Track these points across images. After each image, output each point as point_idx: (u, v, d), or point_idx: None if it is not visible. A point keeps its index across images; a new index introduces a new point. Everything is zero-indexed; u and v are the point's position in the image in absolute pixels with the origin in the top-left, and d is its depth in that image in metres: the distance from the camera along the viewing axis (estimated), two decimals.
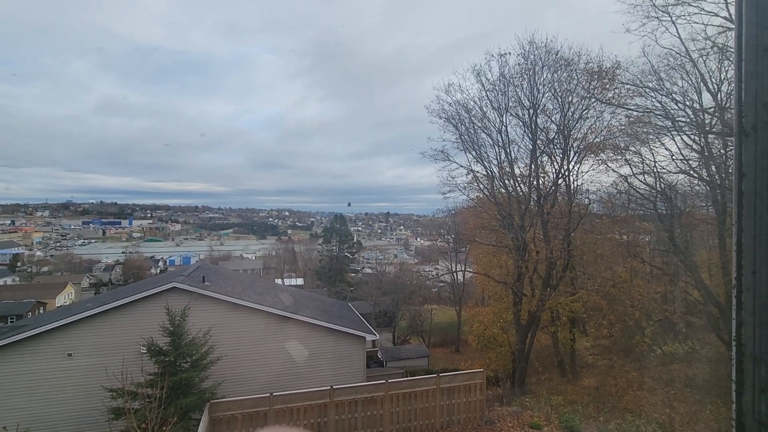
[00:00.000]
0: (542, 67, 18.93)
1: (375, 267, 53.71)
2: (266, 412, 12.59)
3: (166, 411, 10.73)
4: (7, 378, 13.33)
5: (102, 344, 14.03)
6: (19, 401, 13.20)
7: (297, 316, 16.36)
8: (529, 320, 20.46)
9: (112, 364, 12.06)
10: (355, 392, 13.60)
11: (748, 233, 0.65)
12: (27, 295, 53.79)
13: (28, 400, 13.28)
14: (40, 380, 13.53)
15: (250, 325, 15.82)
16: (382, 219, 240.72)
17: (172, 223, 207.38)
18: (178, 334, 12.30)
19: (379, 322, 35.81)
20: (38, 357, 13.68)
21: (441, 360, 30.10)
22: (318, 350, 16.60)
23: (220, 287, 16.53)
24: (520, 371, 20.53)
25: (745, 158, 0.66)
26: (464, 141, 20.69)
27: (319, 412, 13.10)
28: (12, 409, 12.97)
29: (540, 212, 19.92)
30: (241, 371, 14.99)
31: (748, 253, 0.66)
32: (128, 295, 15.07)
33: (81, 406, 13.11)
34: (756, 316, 0.64)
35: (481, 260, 29.11)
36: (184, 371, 12.02)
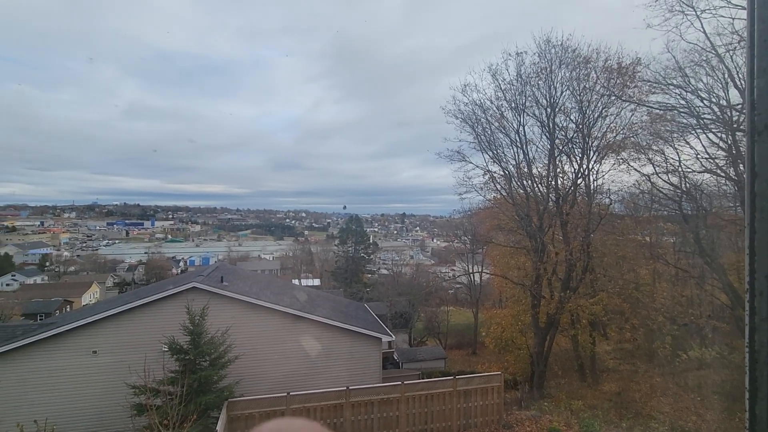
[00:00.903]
0: (560, 66, 18.62)
1: (391, 268, 53.70)
2: (283, 411, 12.72)
3: (187, 408, 10.96)
4: (35, 374, 13.84)
5: (125, 342, 14.43)
6: (46, 396, 13.69)
7: (313, 316, 16.49)
8: (547, 323, 20.11)
9: (135, 361, 12.38)
10: (372, 393, 13.62)
11: (762, 236, 0.63)
12: (55, 294, 55.76)
13: (55, 395, 13.76)
14: (66, 376, 14.00)
15: (267, 325, 16.02)
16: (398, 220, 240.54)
17: (192, 224, 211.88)
18: (198, 333, 12.55)
19: (395, 323, 35.73)
20: (65, 354, 14.16)
21: (458, 362, 29.85)
22: (334, 350, 16.68)
23: (238, 287, 16.79)
24: (538, 375, 20.19)
25: (758, 158, 0.64)
26: (481, 141, 20.50)
27: (336, 413, 13.17)
28: (40, 404, 13.45)
29: (559, 213, 19.57)
30: (258, 370, 15.18)
31: (761, 256, 0.63)
32: (150, 295, 15.47)
33: (105, 402, 13.51)
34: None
35: (499, 261, 28.77)
36: (204, 370, 12.26)
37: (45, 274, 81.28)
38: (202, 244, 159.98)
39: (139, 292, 20.29)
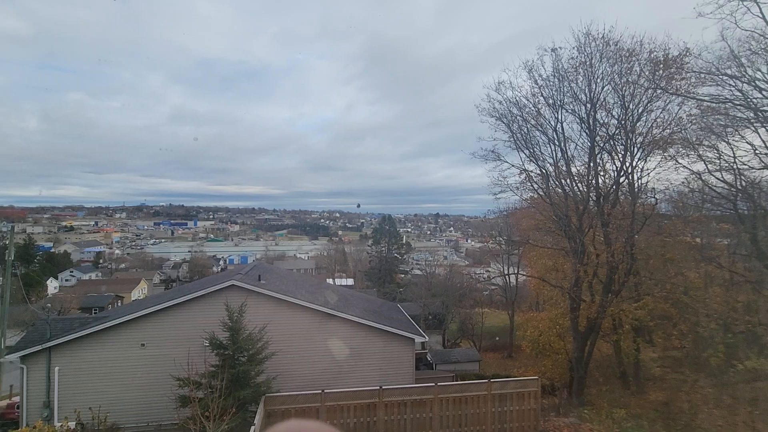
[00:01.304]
0: (600, 59, 17.83)
1: (424, 268, 53.33)
2: (318, 408, 12.95)
3: (226, 401, 11.39)
4: (91, 363, 14.82)
5: (170, 336, 15.18)
6: (100, 385, 14.62)
7: (347, 315, 16.67)
8: (588, 327, 19.32)
9: (179, 354, 13.00)
10: (404, 394, 13.61)
11: None
12: (107, 290, 59.49)
13: (108, 384, 14.67)
14: (118, 367, 14.91)
15: (302, 323, 16.36)
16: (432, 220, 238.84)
17: (232, 224, 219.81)
18: (236, 330, 13.00)
19: (429, 324, 35.51)
20: (116, 346, 15.08)
21: (492, 365, 29.26)
22: (367, 350, 16.80)
23: (275, 286, 17.25)
24: (578, 381, 19.44)
25: None
26: (516, 140, 19.96)
27: (369, 412, 13.26)
28: (95, 392, 14.39)
29: (600, 213, 18.75)
30: (293, 367, 15.52)
31: None
32: (193, 292, 16.20)
33: (152, 392, 14.25)
34: None
35: (536, 263, 27.93)
36: (242, 365, 12.68)
37: (99, 270, 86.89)
38: (240, 244, 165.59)
39: (183, 289, 21.28)
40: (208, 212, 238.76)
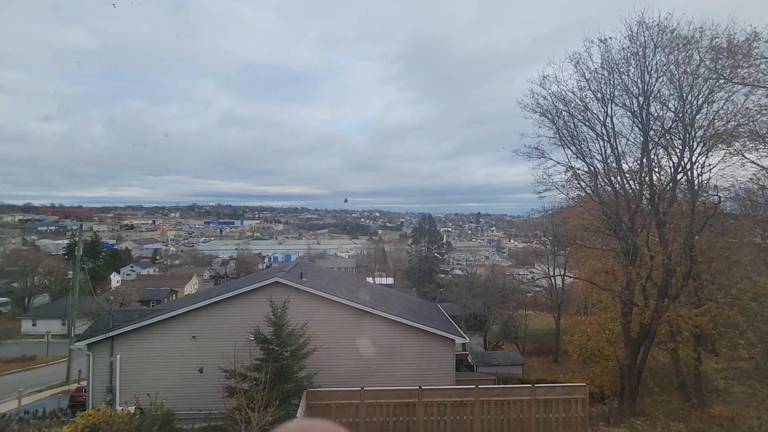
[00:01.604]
0: (654, 49, 16.67)
1: (465, 268, 52.44)
2: (357, 405, 13.10)
3: (270, 394, 11.79)
4: (148, 352, 15.87)
5: (218, 329, 15.94)
6: (157, 373, 15.62)
7: (386, 314, 16.74)
8: (641, 333, 18.18)
9: (227, 347, 13.60)
10: (444, 394, 13.47)
11: None
12: (163, 284, 63.48)
13: (163, 373, 15.65)
14: (171, 357, 15.86)
15: (342, 320, 16.61)
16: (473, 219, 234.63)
17: (276, 224, 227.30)
18: (280, 325, 13.43)
19: (470, 325, 34.89)
20: (171, 337, 16.05)
21: (537, 370, 28.29)
22: (406, 349, 16.78)
23: (316, 283, 17.64)
24: (630, 389, 18.35)
25: None
26: (562, 136, 19.12)
27: (408, 411, 13.24)
28: (152, 380, 15.39)
29: (654, 212, 17.58)
30: (332, 363, 15.78)
31: None
32: (239, 287, 16.92)
33: (203, 382, 15.03)
34: None
35: (583, 265, 26.66)
36: (285, 359, 13.08)
37: (156, 266, 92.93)
38: (284, 242, 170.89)
39: (230, 285, 22.29)
40: (253, 212, 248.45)
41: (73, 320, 28.22)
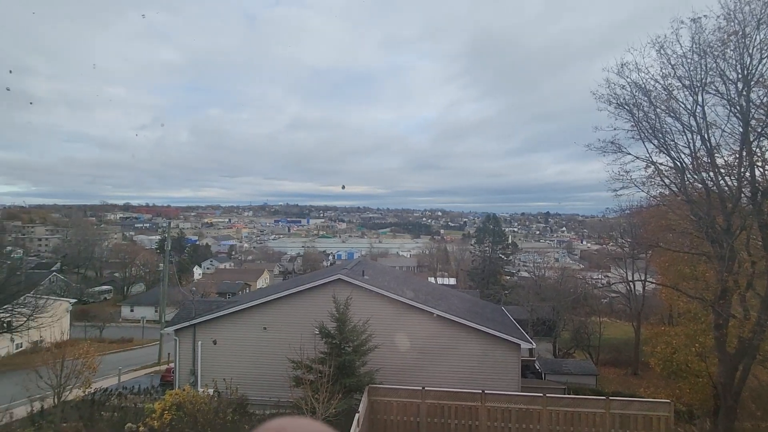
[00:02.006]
0: (757, 26, 14.59)
1: (532, 270, 50.09)
2: (419, 405, 13.07)
3: (333, 387, 12.18)
4: (225, 340, 17.16)
5: (286, 322, 16.78)
6: (232, 360, 16.84)
7: (448, 315, 16.51)
8: (739, 348, 16.07)
9: (293, 339, 14.28)
10: (509, 401, 12.98)
11: None
12: (238, 278, 68.26)
13: (237, 360, 16.83)
14: (245, 345, 17.00)
15: (403, 319, 16.66)
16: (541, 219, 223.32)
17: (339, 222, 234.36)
18: (343, 321, 13.82)
19: (537, 330, 33.27)
20: (244, 327, 17.20)
21: (612, 381, 26.22)
22: (468, 351, 16.42)
23: (378, 281, 17.89)
24: (725, 411, 16.31)
25: None
26: (642, 129, 17.43)
27: (470, 414, 12.94)
28: (227, 366, 16.61)
29: (756, 212, 15.43)
30: (392, 361, 15.89)
31: None
32: (305, 283, 17.68)
33: (272, 371, 15.90)
34: None
35: (668, 270, 24.14)
36: (348, 354, 13.44)
37: (231, 261, 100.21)
38: (347, 241, 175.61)
39: (297, 280, 23.38)
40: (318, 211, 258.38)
41: (164, 308, 31.38)
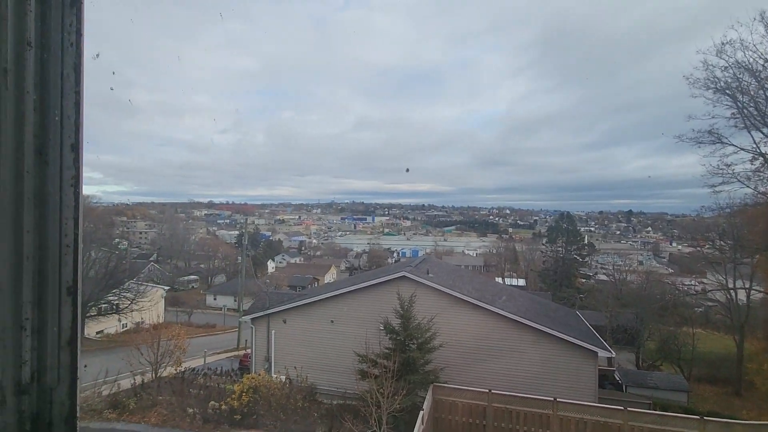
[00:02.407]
0: None
1: (612, 273, 46.31)
2: (485, 408, 12.70)
3: (398, 383, 12.25)
4: (295, 331, 18.04)
5: (352, 316, 17.21)
6: (301, 350, 17.66)
7: (516, 316, 15.82)
8: None
9: (358, 334, 14.61)
10: (584, 411, 12.12)
11: None
12: (307, 272, 71.53)
13: (307, 350, 17.61)
14: (314, 337, 17.74)
15: (468, 319, 16.27)
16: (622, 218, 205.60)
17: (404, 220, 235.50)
18: (407, 318, 13.83)
19: (617, 338, 30.72)
20: (313, 319, 17.95)
21: (708, 400, 23.38)
22: (538, 356, 15.61)
23: (442, 280, 17.65)
24: None
25: None
26: (747, 116, 15.30)
27: (541, 423, 12.30)
28: (297, 355, 17.46)
29: None
30: (457, 361, 15.59)
31: None
32: (370, 279, 17.98)
33: (339, 363, 16.43)
34: None
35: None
36: (412, 351, 13.43)
37: (301, 256, 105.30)
38: (411, 238, 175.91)
39: (362, 276, 23.88)
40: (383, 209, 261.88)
41: (241, 298, 33.83)
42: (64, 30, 0.48)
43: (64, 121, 0.49)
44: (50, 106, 0.48)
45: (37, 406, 0.48)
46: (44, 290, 0.48)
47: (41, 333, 0.49)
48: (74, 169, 0.50)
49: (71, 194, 0.50)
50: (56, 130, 0.49)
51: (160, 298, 40.00)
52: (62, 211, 0.49)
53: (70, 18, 0.48)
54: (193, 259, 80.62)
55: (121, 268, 35.07)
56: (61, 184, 0.49)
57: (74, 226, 0.50)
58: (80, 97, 0.50)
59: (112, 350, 25.30)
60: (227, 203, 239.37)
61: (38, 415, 0.48)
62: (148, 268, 54.64)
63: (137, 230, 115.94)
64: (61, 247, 0.49)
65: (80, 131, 0.50)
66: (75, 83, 0.50)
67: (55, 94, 0.48)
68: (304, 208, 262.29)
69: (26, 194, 0.47)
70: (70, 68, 0.49)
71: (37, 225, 0.48)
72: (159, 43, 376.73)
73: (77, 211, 0.50)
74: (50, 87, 0.48)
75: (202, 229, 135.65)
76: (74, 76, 0.49)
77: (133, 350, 16.57)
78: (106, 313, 33.79)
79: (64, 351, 0.50)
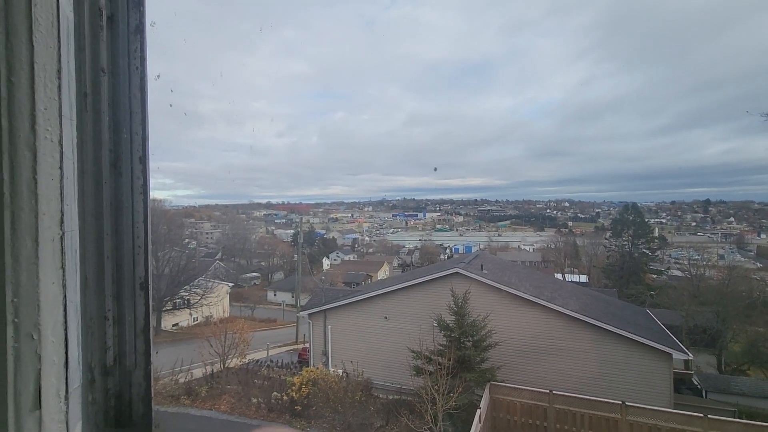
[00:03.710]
0: None
1: (688, 269, 42.48)
2: (546, 409, 12.23)
3: (453, 381, 12.14)
4: (351, 326, 18.47)
5: (405, 312, 17.29)
6: (357, 345, 18.05)
7: (577, 314, 15.04)
8: None
9: (412, 330, 14.65)
10: (657, 417, 11.28)
11: None
12: (361, 269, 72.84)
13: (363, 345, 17.96)
14: (368, 332, 18.04)
15: (526, 317, 15.72)
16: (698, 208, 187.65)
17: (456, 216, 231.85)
18: (461, 315, 13.65)
19: (694, 339, 28.18)
20: (368, 315, 18.26)
21: None
22: (603, 357, 14.74)
23: (497, 276, 17.18)
24: None
25: None
26: None
27: (608, 427, 11.62)
28: (354, 350, 17.86)
29: None
30: (514, 359, 15.12)
31: None
32: (423, 276, 17.95)
33: (394, 358, 16.57)
34: None
35: None
36: (467, 348, 13.24)
37: (354, 253, 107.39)
38: (464, 234, 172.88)
39: (415, 273, 23.89)
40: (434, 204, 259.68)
41: (298, 294, 35.24)
42: (130, 55, 0.55)
43: (132, 137, 0.56)
44: (121, 124, 0.56)
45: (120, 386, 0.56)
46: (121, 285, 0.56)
47: (120, 323, 0.57)
48: (142, 179, 0.58)
49: (141, 201, 0.57)
50: (127, 146, 0.56)
51: (226, 294, 42.75)
52: (134, 216, 0.56)
53: (134, 44, 0.56)
54: (253, 257, 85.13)
55: (191, 266, 37.92)
56: (132, 192, 0.56)
57: (144, 230, 0.57)
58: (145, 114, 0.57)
59: (186, 341, 27.44)
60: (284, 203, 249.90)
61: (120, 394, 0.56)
62: (213, 266, 58.52)
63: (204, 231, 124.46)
64: (134, 248, 0.57)
65: (146, 145, 0.57)
66: (141, 102, 0.57)
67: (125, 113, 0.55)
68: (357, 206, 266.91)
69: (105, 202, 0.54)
70: (136, 89, 0.56)
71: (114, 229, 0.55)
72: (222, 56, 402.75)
73: (146, 216, 0.57)
74: (120, 107, 0.56)
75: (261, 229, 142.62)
76: (140, 96, 0.57)
77: (203, 342, 17.90)
78: (180, 308, 36.75)
79: (139, 338, 0.58)
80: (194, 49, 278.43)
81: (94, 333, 0.55)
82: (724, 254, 76.17)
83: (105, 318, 0.56)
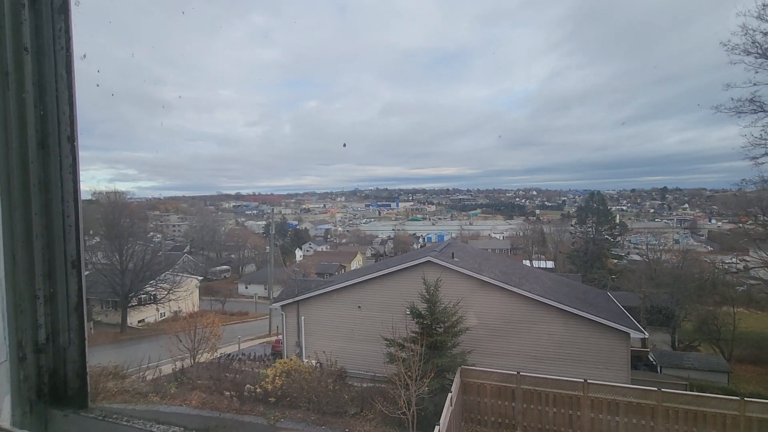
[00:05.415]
0: None
1: (645, 253, 44.79)
2: (513, 390, 12.72)
3: (425, 366, 12.40)
4: (324, 317, 18.49)
5: (379, 301, 17.45)
6: (330, 335, 18.11)
7: (543, 298, 15.65)
8: None
9: (385, 318, 14.81)
10: (616, 393, 11.97)
11: None
12: (334, 260, 72.59)
13: (336, 335, 18.04)
14: (342, 321, 18.12)
15: (495, 302, 16.22)
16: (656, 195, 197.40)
17: (429, 205, 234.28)
18: (433, 302, 13.91)
19: (651, 319, 29.89)
20: (341, 305, 18.31)
21: (750, 381, 22.57)
22: (567, 338, 15.44)
23: (468, 264, 17.58)
24: None
25: None
26: None
27: (571, 404, 12.23)
28: (327, 340, 17.92)
29: None
30: (485, 344, 15.61)
31: None
32: (396, 265, 18.12)
33: (367, 347, 16.73)
34: None
35: None
36: (439, 334, 13.54)
37: (327, 244, 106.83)
38: (437, 223, 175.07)
39: (388, 262, 24.08)
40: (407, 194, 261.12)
41: (271, 286, 34.81)
42: (55, 35, 0.54)
43: (60, 116, 0.56)
44: (47, 104, 0.55)
45: (54, 362, 0.56)
46: (53, 264, 0.56)
47: (53, 301, 0.57)
48: (71, 158, 0.57)
49: (70, 180, 0.57)
50: (54, 125, 0.55)
51: (195, 288, 41.70)
52: (64, 195, 0.56)
53: (59, 24, 0.55)
54: (224, 250, 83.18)
55: (157, 260, 36.69)
56: (61, 171, 0.56)
57: (74, 208, 0.57)
58: (72, 94, 0.56)
59: (153, 338, 26.68)
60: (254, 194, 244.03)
61: (55, 370, 0.56)
62: (182, 260, 56.83)
63: (170, 223, 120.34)
64: (64, 227, 0.56)
65: (75, 124, 0.57)
66: (67, 82, 0.56)
67: (51, 92, 0.54)
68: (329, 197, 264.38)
69: (32, 181, 0.54)
70: (62, 69, 0.56)
71: (43, 208, 0.55)
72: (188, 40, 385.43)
73: (77, 195, 0.57)
74: (46, 86, 0.55)
75: (231, 221, 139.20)
76: (66, 75, 0.56)
77: (171, 338, 17.46)
78: (145, 303, 35.59)
79: (72, 316, 0.58)
80: (160, 33, 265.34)
81: (24, 311, 0.54)
82: (678, 239, 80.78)
83: (35, 296, 0.55)
